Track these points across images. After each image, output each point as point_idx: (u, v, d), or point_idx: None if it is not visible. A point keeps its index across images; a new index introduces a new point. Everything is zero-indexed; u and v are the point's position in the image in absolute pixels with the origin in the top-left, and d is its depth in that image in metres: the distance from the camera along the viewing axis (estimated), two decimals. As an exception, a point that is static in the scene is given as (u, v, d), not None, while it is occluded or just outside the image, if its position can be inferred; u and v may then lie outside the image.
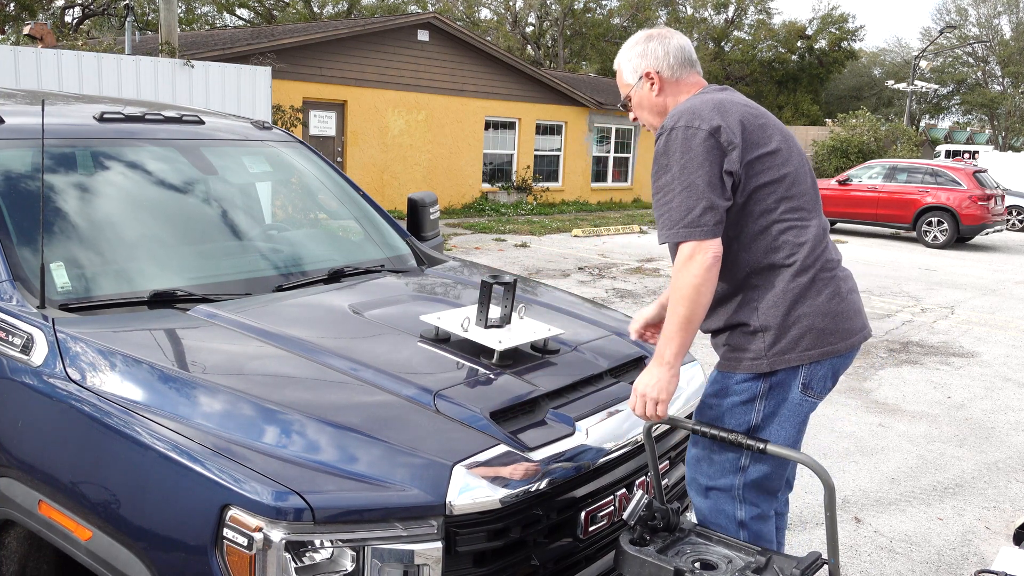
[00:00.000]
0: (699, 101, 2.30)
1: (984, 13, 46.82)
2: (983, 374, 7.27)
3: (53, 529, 2.16)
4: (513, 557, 2.09)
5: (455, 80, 18.80)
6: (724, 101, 2.31)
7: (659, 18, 41.97)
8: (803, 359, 2.26)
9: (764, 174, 2.26)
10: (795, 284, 2.25)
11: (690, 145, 2.20)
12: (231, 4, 38.55)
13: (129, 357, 2.25)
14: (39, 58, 10.47)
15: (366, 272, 3.28)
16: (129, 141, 3.20)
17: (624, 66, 2.49)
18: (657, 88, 2.43)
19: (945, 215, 16.84)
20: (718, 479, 2.35)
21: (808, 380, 2.29)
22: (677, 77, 2.43)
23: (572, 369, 2.60)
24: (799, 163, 2.34)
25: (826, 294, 2.28)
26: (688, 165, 2.20)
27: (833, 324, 2.29)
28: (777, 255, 2.26)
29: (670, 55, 2.43)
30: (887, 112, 44.53)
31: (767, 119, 2.35)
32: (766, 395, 2.27)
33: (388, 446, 2.01)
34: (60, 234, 2.75)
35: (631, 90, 2.48)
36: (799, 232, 2.28)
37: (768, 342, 2.25)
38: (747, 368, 2.27)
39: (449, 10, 37.13)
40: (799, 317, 2.25)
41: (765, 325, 2.25)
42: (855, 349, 2.37)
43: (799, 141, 2.43)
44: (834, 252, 2.39)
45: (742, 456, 2.31)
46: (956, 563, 3.86)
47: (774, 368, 2.25)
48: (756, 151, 2.26)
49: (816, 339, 2.27)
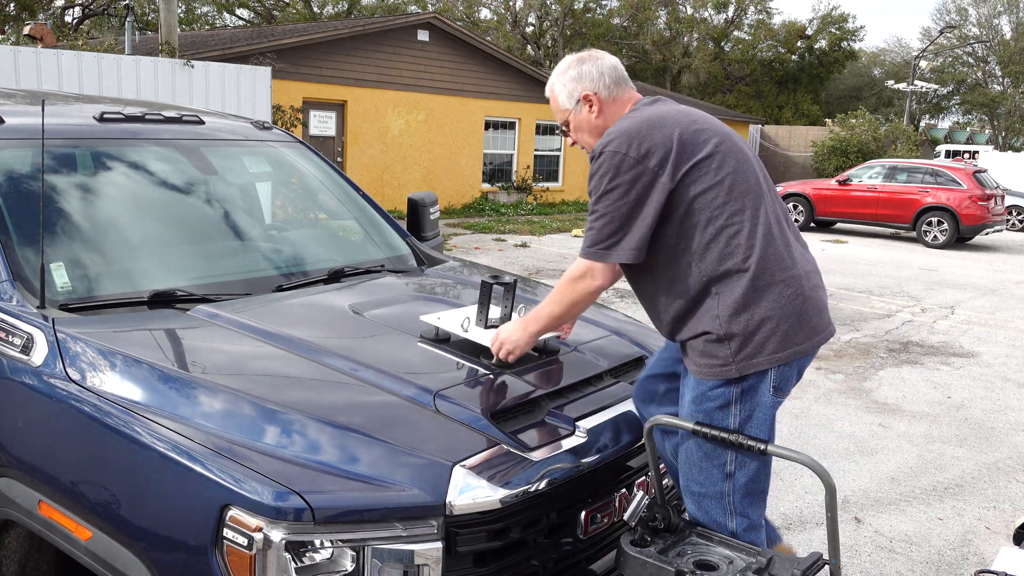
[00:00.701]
0: (630, 122, 2.30)
1: (984, 13, 46.81)
2: (983, 374, 7.27)
3: (53, 529, 2.16)
4: (513, 557, 2.09)
5: (455, 80, 18.80)
6: (656, 117, 2.31)
7: (659, 18, 41.94)
8: (772, 362, 2.24)
9: (702, 180, 2.25)
10: (754, 288, 2.23)
11: (618, 172, 2.23)
12: (231, 4, 38.55)
13: (129, 357, 2.25)
14: (39, 58, 10.47)
15: (366, 272, 3.28)
16: (129, 141, 3.20)
17: (559, 91, 2.48)
18: (596, 110, 2.44)
19: (945, 215, 16.84)
20: (709, 487, 2.33)
21: (778, 382, 2.28)
22: (614, 96, 2.44)
23: (572, 369, 2.60)
24: (739, 162, 2.31)
25: (788, 295, 2.26)
26: (614, 191, 2.24)
27: (798, 324, 2.27)
28: (731, 261, 2.24)
29: (605, 75, 2.44)
30: (887, 112, 44.54)
31: (702, 124, 2.33)
32: (739, 399, 2.26)
33: (388, 446, 2.01)
34: (60, 234, 2.75)
35: (569, 115, 2.48)
36: (750, 234, 2.25)
37: (734, 348, 2.23)
38: (718, 375, 2.25)
39: (449, 10, 37.14)
40: (763, 321, 2.23)
41: (730, 333, 2.23)
42: (821, 345, 2.37)
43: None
44: (794, 247, 2.35)
45: (727, 461, 2.29)
46: (956, 563, 3.86)
47: (743, 373, 2.23)
48: (692, 160, 2.25)
49: (782, 341, 2.25)
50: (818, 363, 7.31)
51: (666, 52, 40.74)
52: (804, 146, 30.33)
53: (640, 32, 41.32)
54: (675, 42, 41.66)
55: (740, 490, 2.31)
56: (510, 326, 2.48)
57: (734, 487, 2.31)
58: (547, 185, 21.85)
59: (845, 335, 8.50)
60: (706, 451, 2.30)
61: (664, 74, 42.05)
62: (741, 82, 43.48)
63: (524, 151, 21.13)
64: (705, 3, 42.15)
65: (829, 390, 6.52)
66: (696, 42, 42.49)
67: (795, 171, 30.14)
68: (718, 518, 2.33)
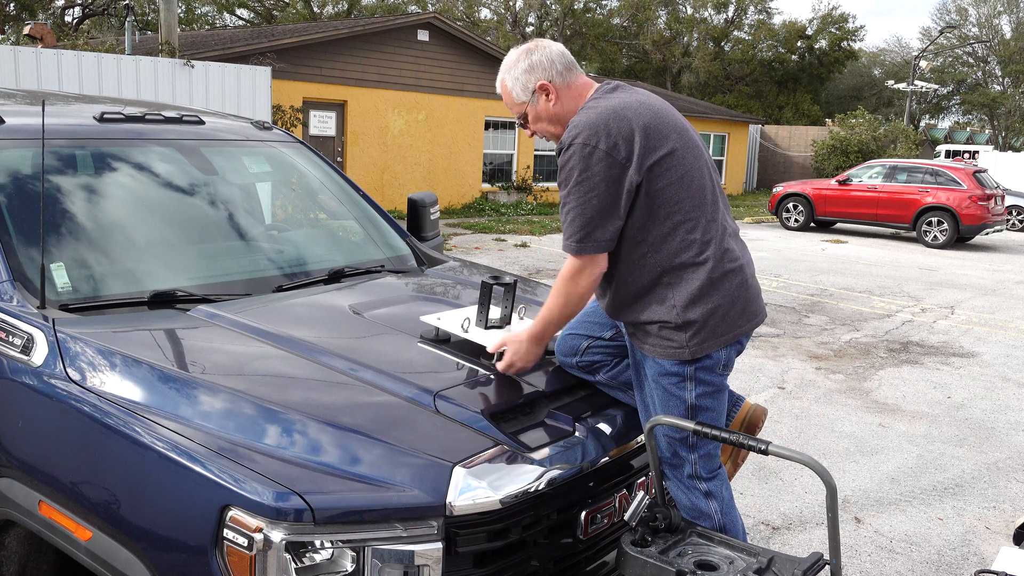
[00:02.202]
0: (596, 113, 2.32)
1: (984, 13, 46.80)
2: (983, 374, 7.27)
3: (53, 529, 2.16)
4: (513, 558, 2.09)
5: (455, 80, 18.80)
6: (620, 107, 2.33)
7: (659, 18, 41.95)
8: (720, 344, 2.37)
9: (664, 176, 2.31)
10: (709, 280, 2.34)
11: (588, 164, 2.27)
12: (231, 4, 38.54)
13: (129, 357, 2.25)
14: (39, 58, 10.48)
15: (366, 272, 3.28)
16: (129, 141, 3.20)
17: (512, 85, 2.49)
18: (554, 98, 2.45)
19: (945, 215, 16.84)
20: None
21: (725, 360, 2.42)
22: (568, 82, 2.47)
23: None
24: (695, 158, 2.39)
25: (735, 284, 2.39)
26: (584, 183, 2.28)
27: (742, 310, 2.41)
28: (687, 254, 2.34)
29: (556, 63, 2.46)
30: (887, 112, 44.53)
31: (664, 117, 2.38)
32: (694, 377, 2.37)
33: (388, 447, 2.01)
34: (60, 234, 2.75)
35: (526, 107, 2.50)
36: (706, 228, 2.35)
37: (689, 335, 2.34)
38: (673, 356, 2.36)
39: (449, 10, 37.12)
40: (714, 310, 2.35)
41: (687, 321, 2.33)
42: (758, 326, 2.52)
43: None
44: (735, 238, 2.48)
45: (689, 435, 2.39)
46: (956, 563, 3.86)
47: (696, 356, 2.35)
48: (655, 154, 2.30)
49: (730, 325, 2.38)
50: (818, 363, 7.31)
51: (666, 52, 40.75)
52: (804, 146, 30.33)
53: (640, 32, 41.33)
54: (675, 42, 41.68)
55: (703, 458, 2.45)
56: (518, 342, 2.46)
57: (697, 456, 2.44)
58: (547, 185, 21.84)
59: (845, 335, 8.50)
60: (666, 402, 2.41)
61: (664, 74, 42.06)
62: (741, 82, 43.45)
63: (524, 151, 21.13)
64: (705, 3, 42.14)
65: (829, 390, 6.52)
66: (696, 42, 42.47)
67: (795, 171, 30.14)
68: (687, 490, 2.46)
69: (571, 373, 2.61)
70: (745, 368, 6.97)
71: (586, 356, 2.57)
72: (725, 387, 2.48)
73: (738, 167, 29.30)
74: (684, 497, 2.46)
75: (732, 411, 2.76)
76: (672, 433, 2.40)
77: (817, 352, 7.75)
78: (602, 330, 2.59)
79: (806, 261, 13.90)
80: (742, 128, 29.25)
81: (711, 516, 2.44)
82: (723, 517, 2.45)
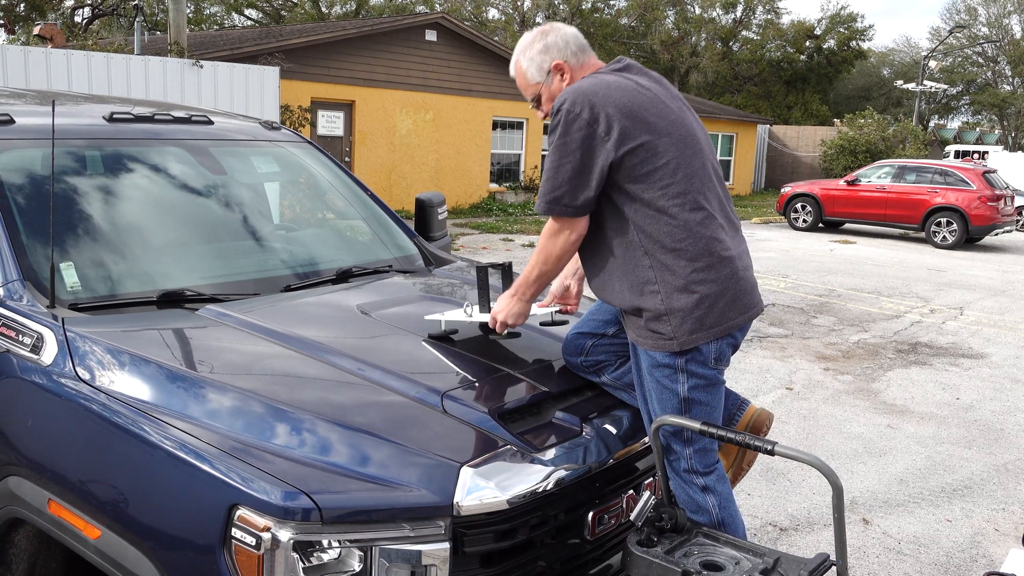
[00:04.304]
0: (590, 82, 2.37)
1: (994, 13, 46.61)
2: (992, 375, 7.24)
3: (62, 528, 2.17)
4: (520, 558, 2.09)
5: (463, 80, 18.81)
6: (616, 85, 2.36)
7: (667, 18, 41.86)
8: (709, 336, 2.35)
9: (648, 162, 2.32)
10: (693, 268, 2.32)
11: (568, 129, 2.31)
12: (239, 4, 38.64)
13: (138, 357, 2.26)
14: (49, 58, 10.52)
15: (374, 272, 3.29)
16: (139, 141, 3.22)
17: (528, 66, 2.53)
18: (568, 78, 2.50)
19: (954, 215, 16.77)
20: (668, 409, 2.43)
21: (717, 354, 2.39)
22: (581, 63, 2.52)
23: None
24: (687, 146, 2.38)
25: (724, 275, 2.36)
26: (562, 148, 2.32)
27: (732, 302, 2.38)
28: (672, 240, 2.33)
29: (570, 43, 2.51)
30: (896, 112, 44.34)
31: (657, 104, 2.38)
32: (685, 369, 2.36)
33: (396, 446, 2.01)
34: (70, 234, 2.77)
35: (540, 88, 2.54)
36: (692, 216, 2.34)
37: (675, 324, 2.33)
38: (661, 347, 2.35)
39: (457, 10, 37.13)
40: (700, 300, 2.33)
41: (670, 309, 2.32)
42: (752, 320, 2.49)
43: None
44: (728, 230, 2.45)
45: (683, 429, 2.38)
46: (965, 565, 3.85)
47: (684, 348, 2.34)
48: (637, 140, 2.31)
49: (719, 317, 2.35)
50: (826, 364, 7.29)
51: (674, 52, 40.67)
52: (812, 146, 30.23)
53: (648, 32, 41.25)
54: (683, 42, 41.59)
55: (698, 452, 2.44)
56: (502, 298, 2.57)
57: (693, 450, 2.43)
58: (555, 185, 21.80)
59: (853, 336, 8.48)
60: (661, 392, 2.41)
61: (672, 74, 41.97)
62: (750, 82, 43.36)
63: (532, 151, 21.12)
64: (713, 3, 42.04)
65: (837, 391, 6.51)
66: (704, 42, 42.39)
67: (803, 171, 30.05)
68: (687, 486, 2.45)
69: (577, 374, 2.61)
70: (753, 369, 6.96)
71: (591, 356, 2.58)
72: (720, 381, 2.46)
73: (746, 167, 29.24)
74: (681, 491, 2.45)
75: (736, 415, 2.74)
76: (666, 426, 2.40)
77: (825, 353, 7.73)
78: (606, 327, 2.59)
79: (814, 261, 13.86)
80: (750, 128, 29.19)
81: (708, 511, 2.43)
82: (721, 512, 2.44)
